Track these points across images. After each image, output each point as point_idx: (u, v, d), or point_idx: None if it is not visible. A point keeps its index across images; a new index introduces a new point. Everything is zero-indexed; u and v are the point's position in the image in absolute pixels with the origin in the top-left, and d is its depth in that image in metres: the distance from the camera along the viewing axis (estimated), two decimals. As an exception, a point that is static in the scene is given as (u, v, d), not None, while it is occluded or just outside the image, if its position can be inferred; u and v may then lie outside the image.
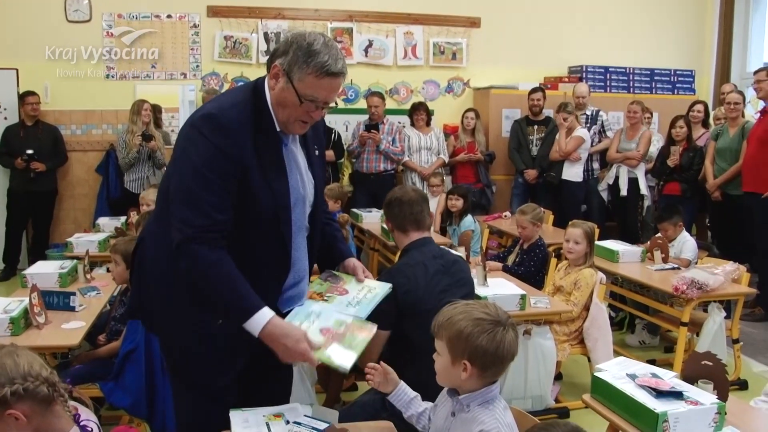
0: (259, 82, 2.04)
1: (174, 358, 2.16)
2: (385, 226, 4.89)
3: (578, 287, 3.86)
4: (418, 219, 2.74)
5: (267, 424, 1.85)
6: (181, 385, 2.18)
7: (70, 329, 3.04)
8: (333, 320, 2.03)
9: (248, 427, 1.84)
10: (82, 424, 1.75)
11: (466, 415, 1.77)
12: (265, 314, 1.90)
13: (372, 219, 6.04)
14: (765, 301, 5.51)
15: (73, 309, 3.27)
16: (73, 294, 3.32)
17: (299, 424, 1.85)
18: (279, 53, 1.98)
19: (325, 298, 2.17)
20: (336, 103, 2.15)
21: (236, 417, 1.89)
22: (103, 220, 5.54)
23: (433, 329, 1.82)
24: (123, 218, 5.39)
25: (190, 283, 1.95)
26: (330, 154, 6.68)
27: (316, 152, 2.24)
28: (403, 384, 1.98)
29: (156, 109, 6.67)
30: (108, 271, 4.45)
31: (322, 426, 1.81)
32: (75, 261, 3.95)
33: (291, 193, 2.06)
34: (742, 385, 4.13)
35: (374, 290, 2.22)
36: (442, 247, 2.99)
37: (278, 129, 2.03)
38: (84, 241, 4.65)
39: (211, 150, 1.89)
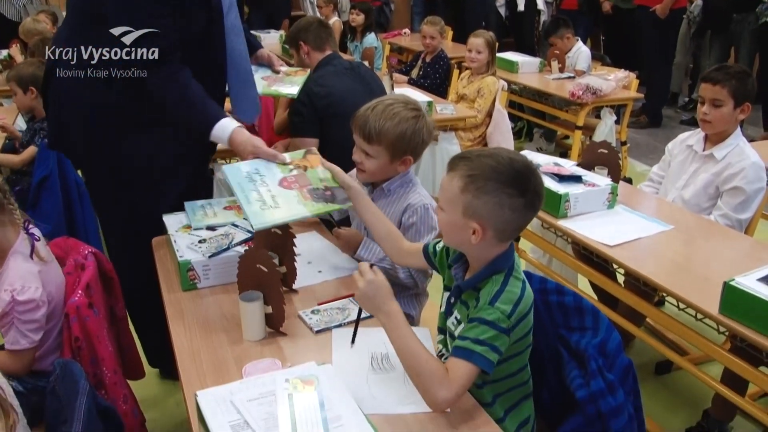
0: None
1: (101, 189, 2.17)
2: (287, 46, 4.80)
3: (481, 95, 4.00)
4: (334, 39, 2.95)
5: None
6: (108, 217, 2.22)
7: (-25, 157, 2.95)
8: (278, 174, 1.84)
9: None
10: (30, 232, 1.77)
11: (389, 198, 1.92)
12: (229, 124, 1.94)
13: (271, 39, 5.94)
14: (649, 110, 5.92)
15: (-27, 139, 3.15)
16: (-28, 124, 3.18)
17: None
18: None
19: None
20: None
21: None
22: (-19, 52, 5.14)
23: (365, 135, 1.82)
24: (5, 51, 5.01)
25: (133, 104, 1.94)
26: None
27: None
28: (366, 239, 1.90)
29: None
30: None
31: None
32: (-36, 93, 3.73)
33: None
34: (628, 182, 4.49)
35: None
36: (351, 60, 3.06)
37: None
38: (-34, 74, 4.38)
39: None
